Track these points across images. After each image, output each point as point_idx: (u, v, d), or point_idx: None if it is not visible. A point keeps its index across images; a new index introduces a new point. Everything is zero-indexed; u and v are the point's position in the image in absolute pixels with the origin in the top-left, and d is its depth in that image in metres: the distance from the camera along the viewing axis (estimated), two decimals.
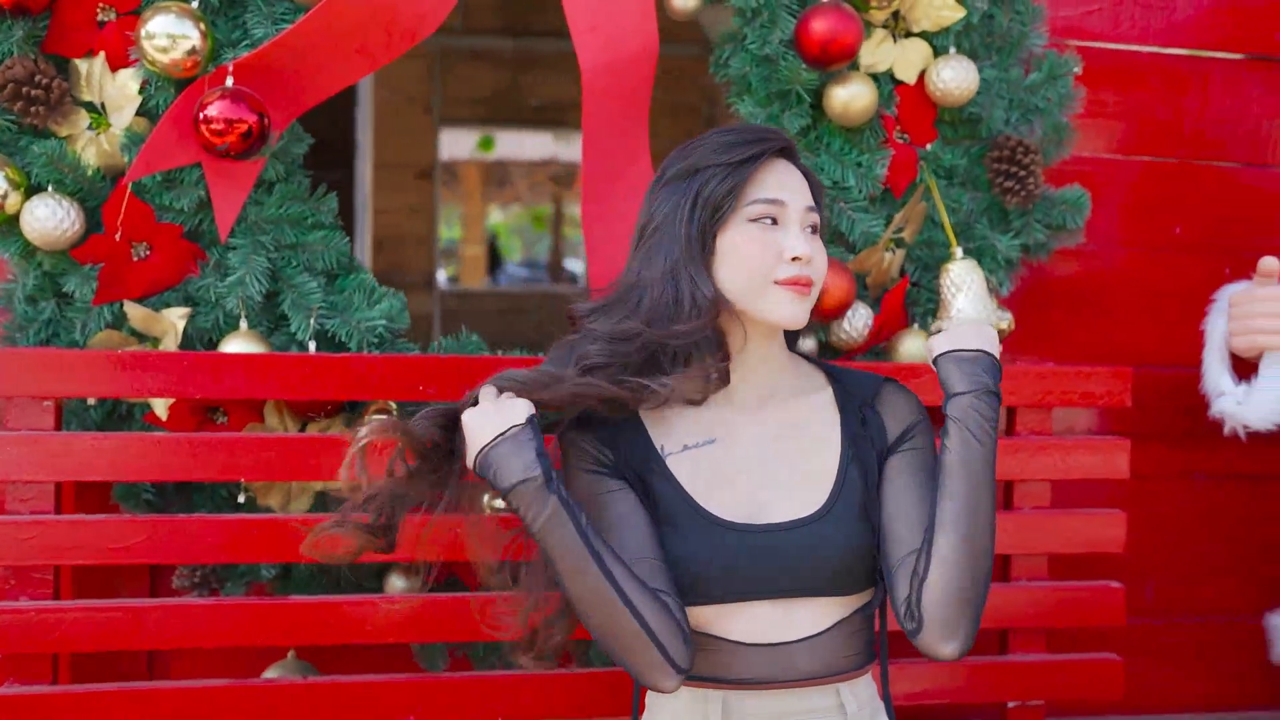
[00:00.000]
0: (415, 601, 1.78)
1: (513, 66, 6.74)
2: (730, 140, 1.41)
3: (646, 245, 1.43)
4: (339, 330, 1.82)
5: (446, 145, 7.43)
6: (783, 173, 1.42)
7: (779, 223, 1.39)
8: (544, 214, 12.12)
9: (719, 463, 1.42)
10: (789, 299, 1.38)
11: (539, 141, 9.44)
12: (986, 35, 2.01)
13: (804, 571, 1.37)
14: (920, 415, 1.46)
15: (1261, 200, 2.27)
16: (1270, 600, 2.17)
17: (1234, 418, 1.92)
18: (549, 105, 7.15)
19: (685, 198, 1.39)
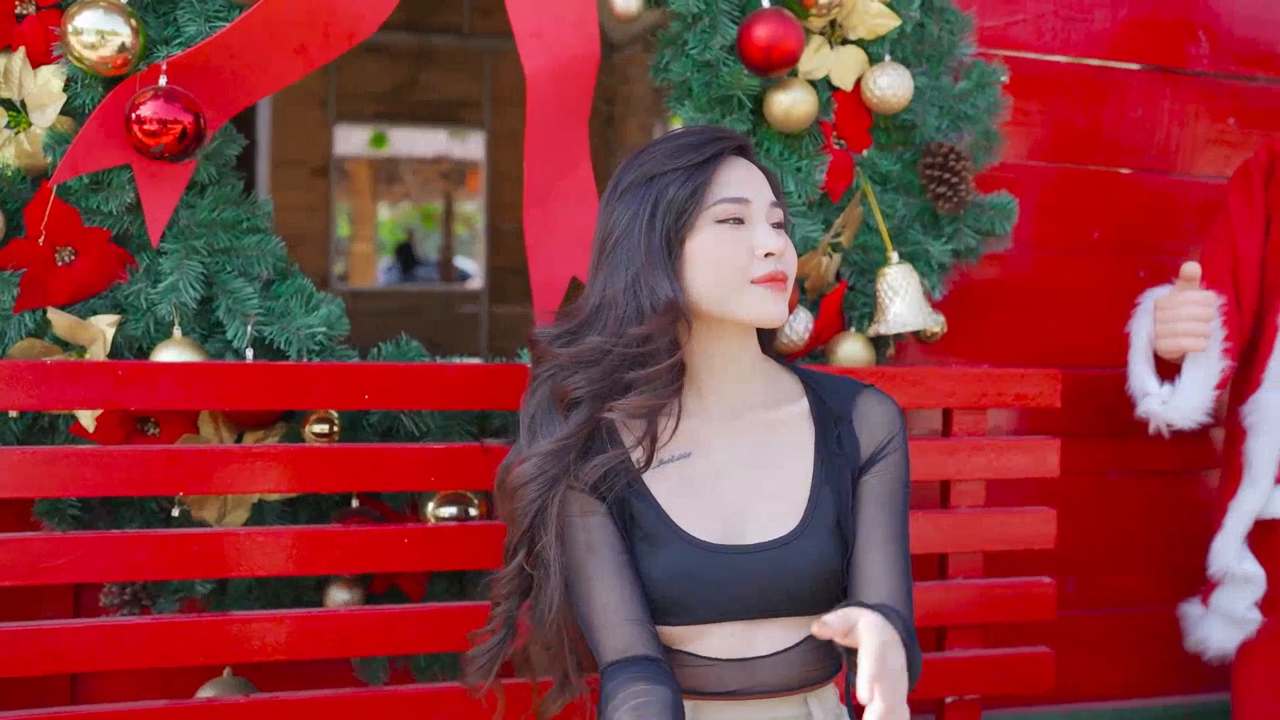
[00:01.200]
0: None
1: (411, 62, 6.65)
2: (685, 143, 1.39)
3: (609, 260, 1.39)
4: (277, 337, 1.77)
5: (340, 141, 7.29)
6: (742, 170, 1.40)
7: (745, 221, 1.38)
8: (433, 212, 11.97)
9: (695, 478, 1.42)
10: (768, 296, 1.36)
11: (433, 138, 9.32)
12: (918, 44, 2.05)
13: (776, 592, 1.38)
14: (895, 427, 1.46)
15: (1172, 206, 2.36)
16: (1184, 590, 2.26)
17: (1159, 417, 1.99)
18: (446, 102, 7.08)
19: (644, 206, 1.37)
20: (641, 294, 1.35)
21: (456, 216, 11.24)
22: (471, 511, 1.83)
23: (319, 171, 6.67)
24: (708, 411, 1.44)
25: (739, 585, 1.38)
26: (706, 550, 1.38)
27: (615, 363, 1.37)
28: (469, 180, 10.16)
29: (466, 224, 10.97)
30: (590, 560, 1.38)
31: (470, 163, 9.48)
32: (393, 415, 1.84)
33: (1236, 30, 2.37)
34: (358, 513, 1.82)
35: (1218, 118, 2.37)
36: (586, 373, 1.38)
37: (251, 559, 1.69)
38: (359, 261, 11.05)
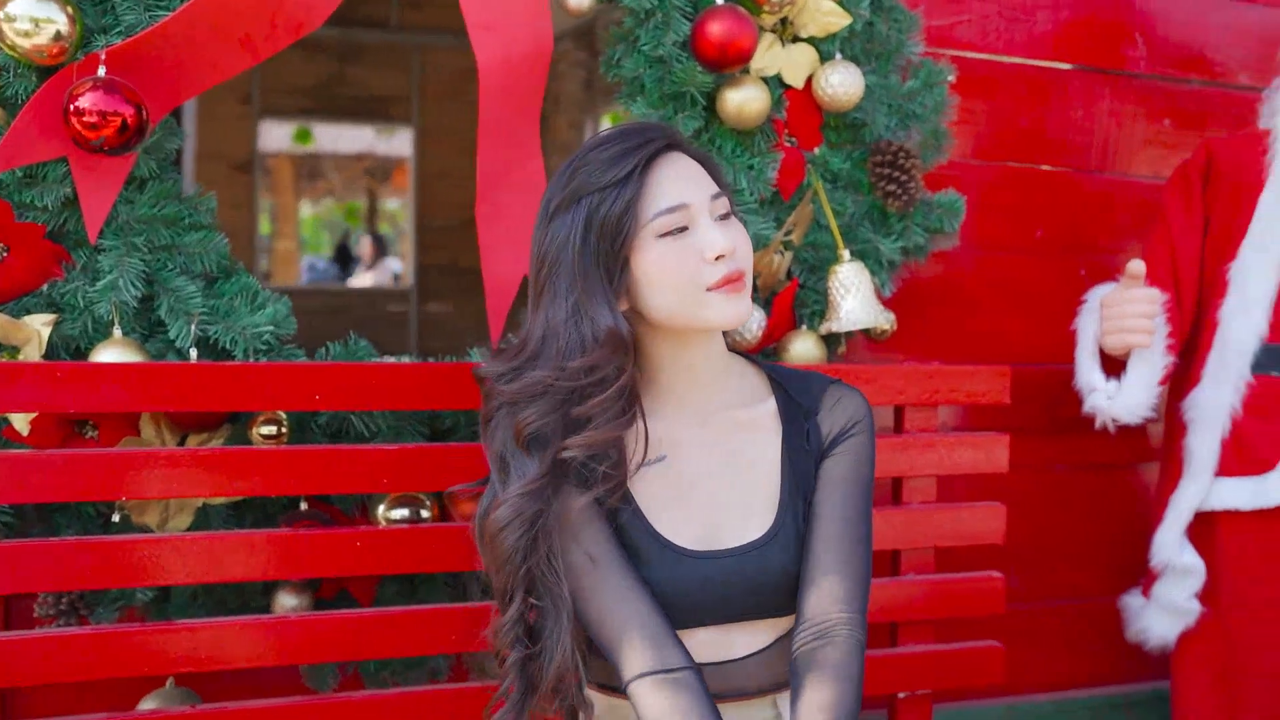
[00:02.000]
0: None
1: (337, 57, 6.54)
2: (611, 154, 1.31)
3: (548, 288, 1.33)
4: (222, 337, 1.72)
5: (264, 137, 7.15)
6: (676, 170, 1.33)
7: (689, 226, 1.32)
8: (357, 209, 11.80)
9: (671, 482, 1.40)
10: (727, 301, 1.32)
11: (358, 135, 9.18)
12: (867, 42, 2.05)
13: (753, 595, 1.38)
14: (858, 416, 1.44)
15: (1111, 205, 2.40)
16: (1124, 582, 2.30)
17: (1105, 413, 2.02)
18: (373, 98, 6.98)
19: (575, 229, 1.30)
20: (582, 324, 1.31)
21: (381, 214, 11.10)
22: (423, 513, 1.80)
23: (242, 167, 6.54)
24: (682, 414, 1.42)
25: (718, 590, 1.37)
26: (688, 556, 1.37)
27: (561, 396, 1.32)
28: (394, 177, 10.03)
29: (391, 222, 10.83)
30: (597, 571, 1.34)
31: (396, 159, 9.36)
32: (342, 416, 1.80)
33: (1170, 33, 2.42)
34: (306, 516, 1.77)
35: (1154, 119, 2.42)
36: (536, 406, 1.33)
37: (195, 565, 1.64)
38: (282, 259, 10.86)
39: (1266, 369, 1.98)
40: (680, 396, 1.42)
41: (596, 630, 1.33)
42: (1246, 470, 1.98)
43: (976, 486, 2.17)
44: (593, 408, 1.30)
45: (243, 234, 6.42)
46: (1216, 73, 2.47)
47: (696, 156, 1.38)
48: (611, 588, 1.33)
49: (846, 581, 1.36)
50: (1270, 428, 1.97)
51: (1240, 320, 1.98)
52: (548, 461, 1.32)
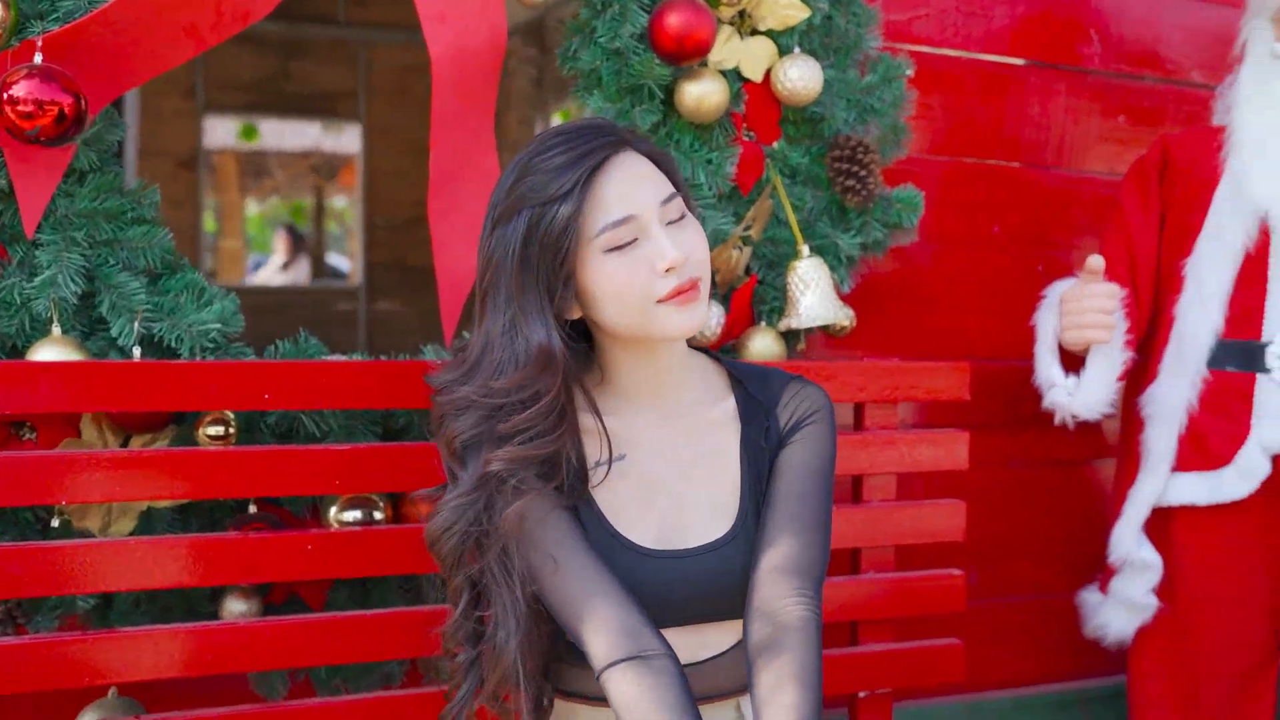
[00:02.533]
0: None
1: (282, 52, 6.44)
2: (557, 163, 1.27)
3: (490, 299, 1.32)
4: (167, 335, 1.66)
5: (208, 133, 7.02)
6: (623, 175, 1.29)
7: (639, 238, 1.28)
8: (303, 207, 11.66)
9: (632, 482, 1.38)
10: (677, 313, 1.29)
11: (304, 131, 9.06)
12: (825, 36, 2.04)
13: (712, 597, 1.36)
14: (816, 406, 1.41)
15: (1067, 201, 2.41)
16: (1080, 577, 2.31)
17: (1065, 409, 2.02)
18: (319, 94, 6.88)
19: (515, 241, 1.27)
20: (516, 340, 1.28)
21: (328, 212, 10.97)
22: (376, 515, 1.75)
23: (186, 163, 6.43)
24: (642, 413, 1.40)
25: (680, 590, 1.35)
26: (649, 557, 1.35)
27: (486, 411, 1.30)
28: (342, 175, 9.92)
29: (338, 220, 10.71)
30: (564, 567, 1.30)
31: (343, 157, 9.25)
32: (292, 416, 1.75)
33: (1125, 30, 2.43)
34: (255, 519, 1.72)
35: (1109, 115, 2.43)
36: (465, 419, 1.32)
37: (139, 571, 1.58)
38: (227, 258, 10.70)
39: (1222, 364, 1.99)
40: (640, 395, 1.40)
41: (569, 624, 1.30)
42: (1203, 465, 1.99)
43: (935, 483, 2.17)
44: (515, 425, 1.29)
45: (187, 232, 6.31)
46: (1170, 70, 2.48)
47: (650, 154, 1.34)
48: (580, 581, 1.29)
49: (796, 560, 1.32)
50: (1226, 423, 1.98)
51: (1196, 315, 1.99)
52: (477, 473, 1.31)
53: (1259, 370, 1.95)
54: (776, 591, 1.30)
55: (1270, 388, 1.94)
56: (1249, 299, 1.96)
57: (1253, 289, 1.96)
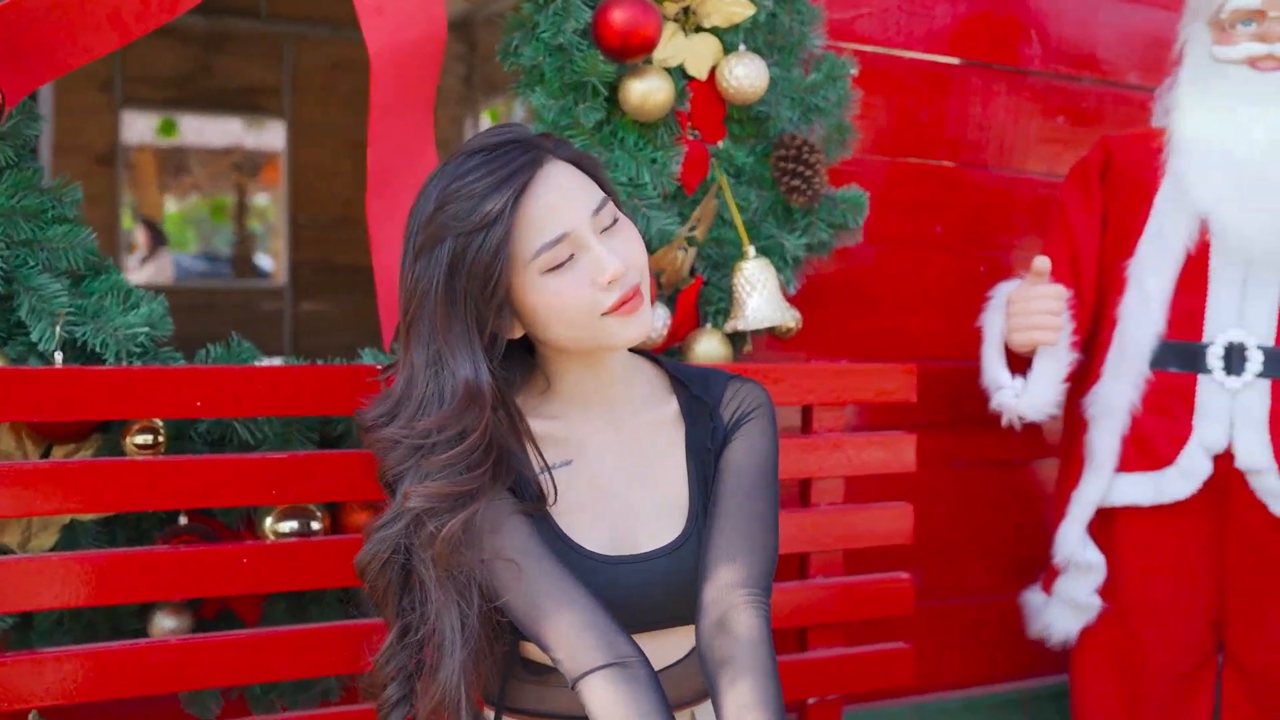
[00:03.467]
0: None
1: (203, 46, 6.28)
2: (479, 187, 1.21)
3: (413, 333, 1.27)
4: (91, 339, 1.59)
5: (126, 129, 6.83)
6: (551, 191, 1.24)
7: (575, 254, 1.25)
8: (225, 205, 11.41)
9: (578, 487, 1.35)
10: (625, 323, 1.26)
11: (226, 128, 8.86)
12: (769, 34, 2.01)
13: (666, 603, 1.33)
14: (756, 403, 1.39)
15: (1008, 202, 2.41)
16: (1023, 578, 2.31)
17: (1012, 410, 2.02)
18: (242, 89, 6.73)
19: (438, 273, 1.22)
20: (441, 375, 1.24)
21: (250, 210, 10.74)
22: (314, 525, 1.69)
23: (103, 160, 6.25)
24: (587, 418, 1.37)
25: (634, 596, 1.31)
26: (601, 563, 1.32)
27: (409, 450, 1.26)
28: (264, 172, 9.72)
29: (260, 218, 10.50)
30: (527, 576, 1.26)
31: (266, 154, 9.07)
32: (224, 424, 1.68)
33: (1064, 31, 2.44)
34: (186, 530, 1.65)
35: (1049, 116, 2.44)
36: (393, 455, 1.28)
37: (61, 589, 1.51)
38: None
39: (1164, 365, 1.99)
40: (585, 401, 1.37)
41: (535, 632, 1.25)
42: (1146, 466, 2.00)
43: (877, 484, 2.15)
44: (440, 463, 1.24)
45: (105, 231, 6.13)
46: (1107, 72, 2.50)
47: (574, 160, 1.30)
48: (546, 587, 1.25)
49: (744, 562, 1.29)
50: (1168, 423, 1.98)
51: (1139, 317, 1.99)
52: (398, 507, 1.27)
53: (1200, 371, 1.96)
54: (724, 594, 1.27)
55: (1211, 388, 1.95)
56: (1190, 300, 1.98)
57: (1193, 290, 1.97)
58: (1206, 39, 1.99)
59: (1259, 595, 1.99)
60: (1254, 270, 1.94)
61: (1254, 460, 1.92)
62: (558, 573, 1.26)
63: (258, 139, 8.74)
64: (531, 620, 1.25)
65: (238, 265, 10.96)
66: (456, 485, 1.24)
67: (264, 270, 10.07)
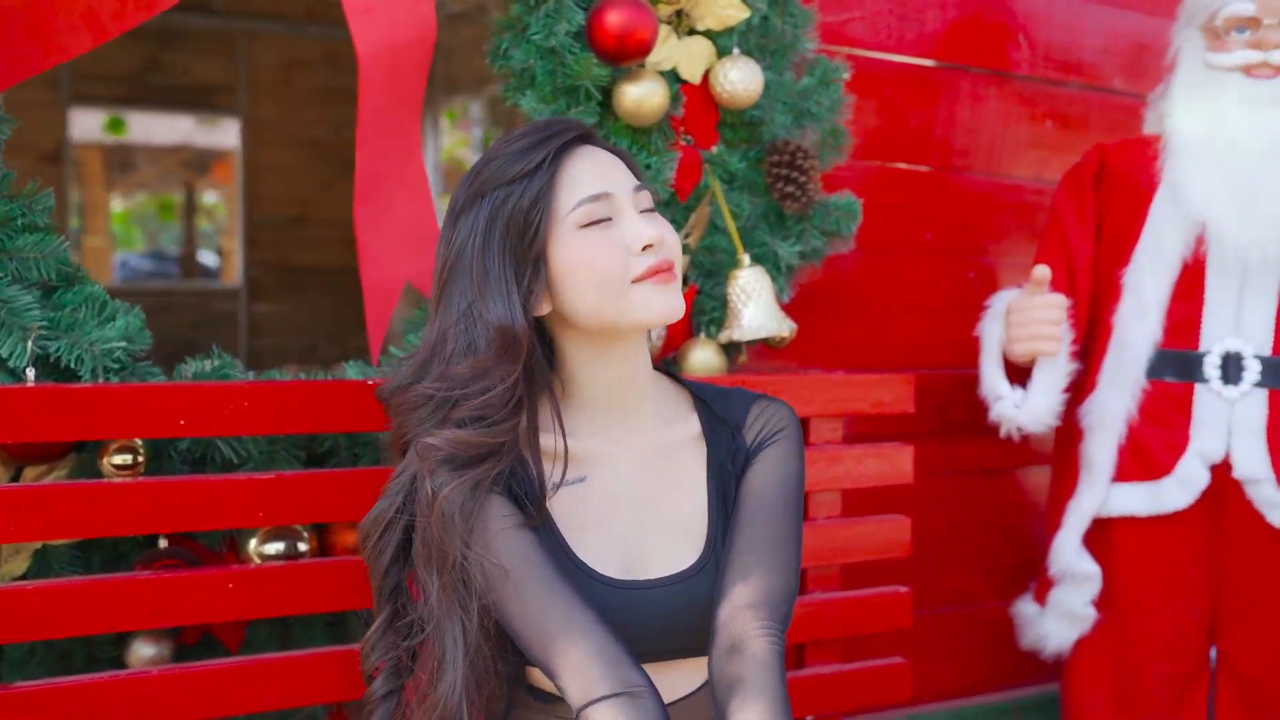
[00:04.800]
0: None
1: (154, 42, 6.13)
2: (519, 147, 1.23)
3: (446, 291, 1.24)
4: (65, 354, 1.51)
5: (74, 126, 6.66)
6: (593, 161, 1.25)
7: (613, 218, 1.24)
8: (172, 203, 11.21)
9: (592, 505, 1.29)
10: (657, 291, 1.23)
11: (176, 125, 8.68)
12: (761, 37, 1.97)
13: (678, 632, 1.28)
14: (782, 424, 1.34)
15: (996, 208, 2.38)
16: (1010, 587, 2.29)
17: (1011, 421, 1.99)
18: (194, 87, 6.59)
19: (476, 228, 1.22)
20: (473, 326, 1.21)
21: (199, 209, 10.55)
22: (301, 547, 1.62)
23: (50, 158, 6.09)
24: (602, 433, 1.31)
25: (645, 624, 1.26)
26: (613, 587, 1.27)
27: (441, 406, 1.22)
28: (214, 170, 9.55)
29: (209, 217, 10.31)
30: (530, 591, 1.20)
31: (216, 152, 8.91)
32: (205, 442, 1.60)
33: (1052, 36, 2.42)
34: (166, 554, 1.57)
35: (1036, 121, 2.41)
36: (419, 413, 1.24)
37: (34, 618, 1.43)
38: (92, 257, 10.20)
39: (1161, 374, 1.98)
40: (602, 414, 1.31)
41: (538, 653, 1.20)
42: (1143, 475, 1.98)
43: (862, 495, 2.11)
44: (469, 411, 1.20)
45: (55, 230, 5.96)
46: (1093, 77, 2.48)
47: (613, 151, 1.30)
48: (551, 606, 1.20)
49: (759, 587, 1.24)
50: (1165, 433, 1.97)
51: (1136, 325, 1.98)
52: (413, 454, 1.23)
53: (1197, 380, 1.95)
54: (736, 618, 1.22)
55: (1209, 398, 1.94)
56: (1186, 309, 1.96)
57: (1190, 299, 1.96)
58: (1200, 45, 1.98)
59: (1255, 603, 1.98)
60: (1250, 279, 1.93)
61: (1252, 470, 1.91)
62: (564, 593, 1.20)
63: (209, 137, 8.58)
64: (535, 643, 1.20)
65: (185, 264, 10.78)
66: (479, 436, 1.20)
67: (211, 269, 9.89)
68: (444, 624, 1.22)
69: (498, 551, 1.21)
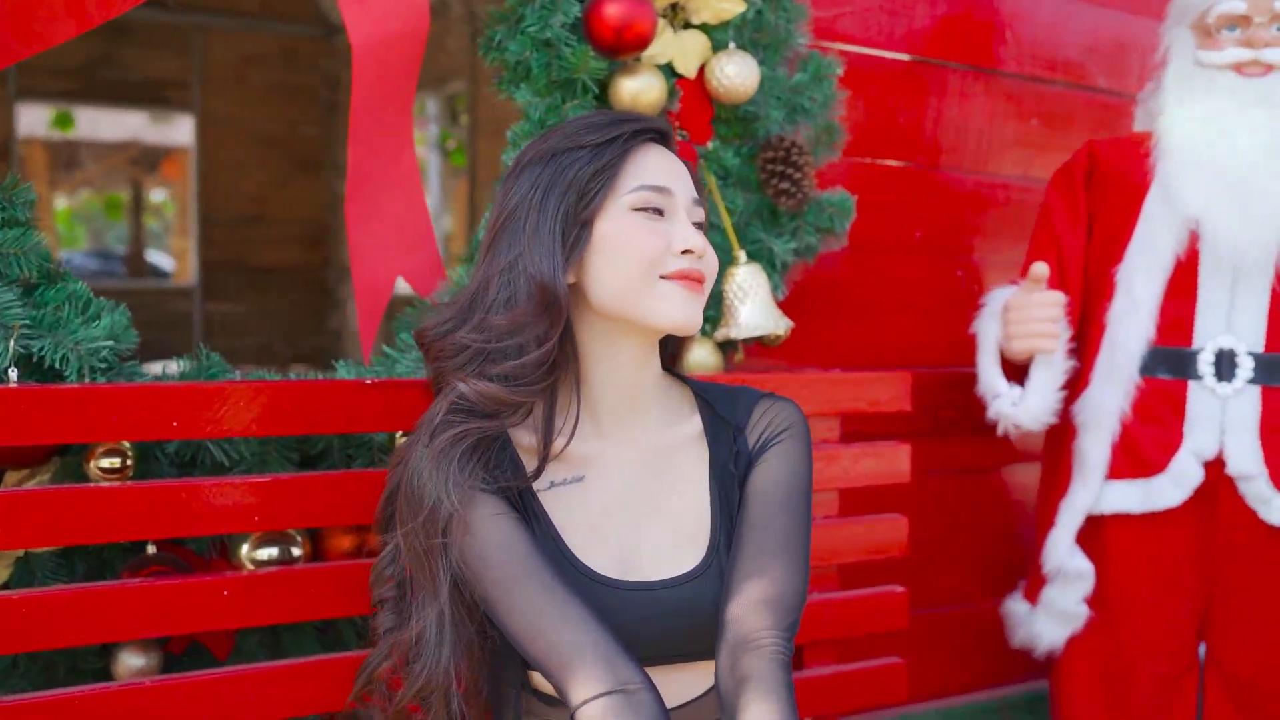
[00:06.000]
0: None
1: (106, 36, 6.00)
2: (599, 121, 1.26)
3: (495, 243, 1.25)
4: (49, 354, 1.45)
5: (21, 121, 6.50)
6: (666, 158, 1.28)
7: (665, 214, 1.24)
8: (119, 201, 11.00)
9: (589, 505, 1.27)
10: (680, 295, 1.23)
11: (125, 121, 8.50)
12: (755, 32, 1.94)
13: (682, 634, 1.25)
14: (788, 422, 1.33)
15: (983, 205, 2.38)
16: (998, 586, 2.29)
17: (1009, 419, 1.98)
18: (146, 82, 6.46)
19: (539, 185, 1.23)
20: (517, 279, 1.22)
21: (147, 207, 10.35)
22: (295, 551, 1.57)
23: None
24: (601, 431, 1.30)
25: (644, 626, 1.24)
26: (612, 588, 1.24)
27: (476, 357, 1.23)
28: (163, 167, 9.37)
29: (157, 215, 10.12)
30: (523, 585, 1.19)
31: (166, 149, 8.74)
32: (194, 444, 1.55)
33: (1038, 34, 2.42)
34: (155, 560, 1.52)
35: (1022, 119, 2.41)
36: (453, 361, 1.25)
37: (19, 628, 1.37)
38: None
39: (1154, 371, 1.98)
40: (603, 411, 1.29)
41: (530, 649, 1.18)
42: (1136, 473, 1.98)
43: (851, 493, 2.09)
44: (505, 370, 1.21)
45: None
46: (1078, 75, 2.49)
47: (683, 161, 1.31)
48: (544, 602, 1.18)
49: (769, 587, 1.23)
50: (1159, 430, 1.97)
51: (1128, 323, 1.97)
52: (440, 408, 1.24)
53: (1190, 377, 1.95)
54: (743, 620, 1.21)
55: (1202, 395, 1.94)
56: (1180, 306, 1.96)
57: (1183, 296, 1.96)
58: (1191, 43, 1.98)
59: (1247, 601, 1.98)
60: (1242, 276, 1.93)
61: (1245, 466, 1.91)
62: (557, 585, 1.19)
63: (159, 134, 8.42)
64: (527, 639, 1.18)
65: (131, 263, 10.56)
66: (508, 393, 1.21)
67: (161, 269, 9.70)
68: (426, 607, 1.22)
69: (485, 539, 1.20)
